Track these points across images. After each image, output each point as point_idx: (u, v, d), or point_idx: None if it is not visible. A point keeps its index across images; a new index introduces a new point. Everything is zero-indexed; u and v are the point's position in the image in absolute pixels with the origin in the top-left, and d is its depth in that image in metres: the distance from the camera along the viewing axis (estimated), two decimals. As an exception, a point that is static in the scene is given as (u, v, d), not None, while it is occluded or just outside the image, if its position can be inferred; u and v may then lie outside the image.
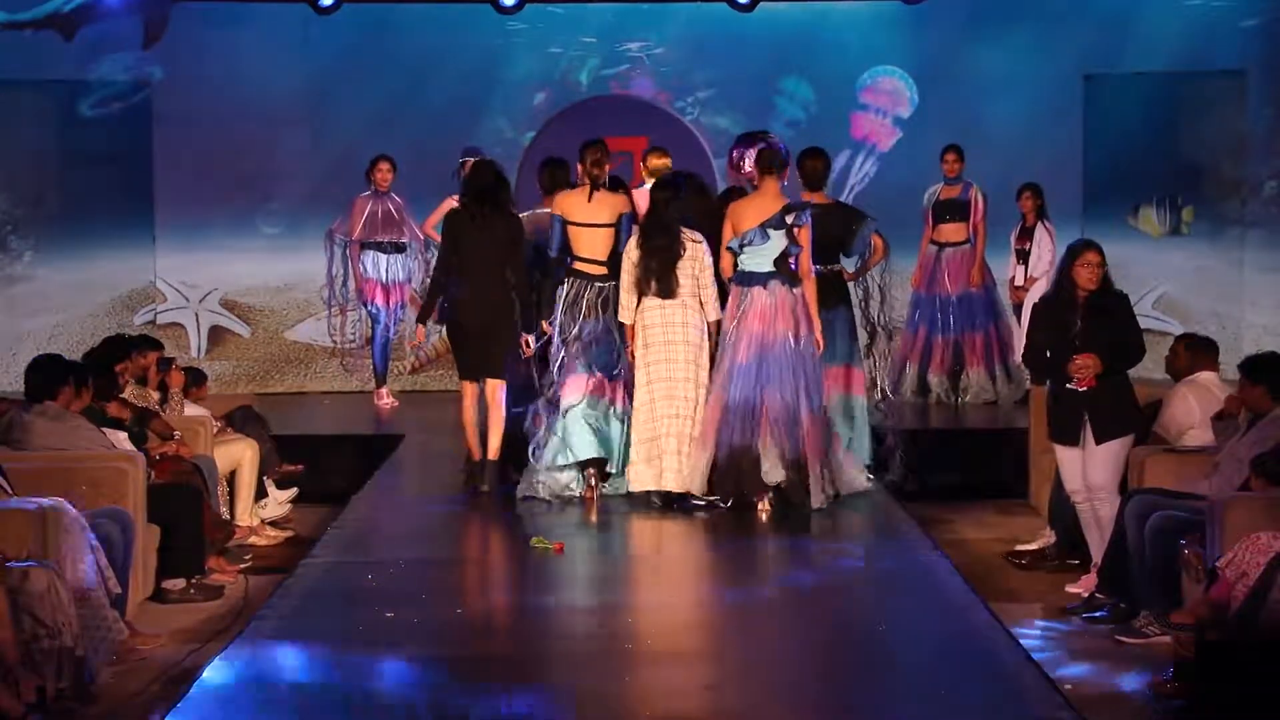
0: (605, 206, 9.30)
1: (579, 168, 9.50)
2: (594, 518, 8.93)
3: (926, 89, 14.25)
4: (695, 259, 8.94)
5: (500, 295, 9.21)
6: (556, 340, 9.24)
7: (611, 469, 9.18)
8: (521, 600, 7.22)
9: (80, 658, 6.20)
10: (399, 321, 12.97)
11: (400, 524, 8.87)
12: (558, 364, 9.21)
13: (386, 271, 12.63)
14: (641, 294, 8.96)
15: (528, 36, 14.30)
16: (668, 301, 8.92)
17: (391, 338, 12.87)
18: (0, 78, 14.00)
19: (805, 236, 8.91)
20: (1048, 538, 8.70)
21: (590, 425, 9.09)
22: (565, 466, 9.11)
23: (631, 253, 8.99)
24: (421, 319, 9.77)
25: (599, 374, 9.17)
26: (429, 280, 9.95)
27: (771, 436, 8.80)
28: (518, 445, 9.37)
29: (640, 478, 9.01)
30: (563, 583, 7.49)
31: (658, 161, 10.08)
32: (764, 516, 8.83)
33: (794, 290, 8.90)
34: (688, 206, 9.07)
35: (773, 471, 8.80)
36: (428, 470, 10.50)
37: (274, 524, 9.75)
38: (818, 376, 8.95)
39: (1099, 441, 7.69)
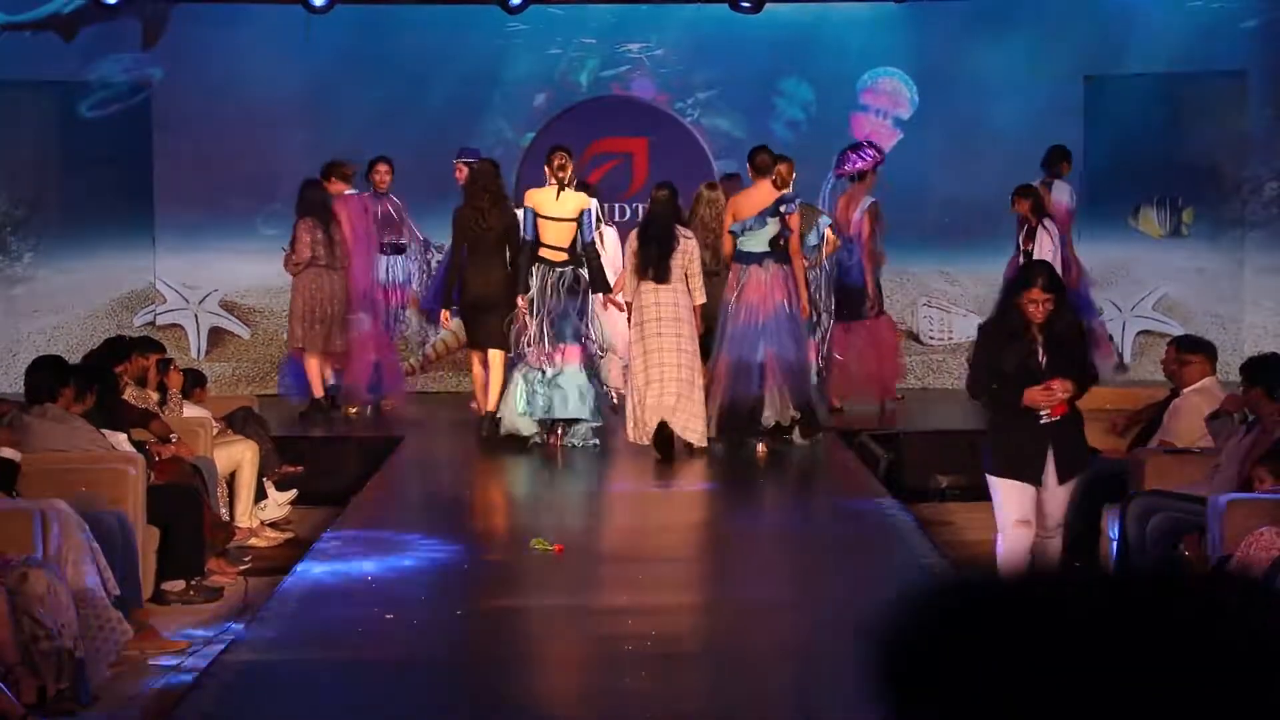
0: (569, 203, 10.70)
1: (546, 169, 10.85)
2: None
3: (926, 90, 14.25)
4: (685, 251, 10.46)
5: (499, 276, 10.82)
6: (527, 314, 10.65)
7: (583, 417, 10.67)
8: (521, 601, 7.22)
9: (80, 659, 6.20)
10: (399, 323, 12.97)
11: (400, 525, 8.86)
12: (528, 334, 10.63)
13: (386, 273, 12.62)
14: (640, 278, 10.43)
15: (528, 37, 14.30)
16: (662, 285, 10.40)
17: (392, 339, 12.87)
18: (0, 78, 14.01)
19: (795, 222, 10.64)
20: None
21: (562, 386, 10.54)
22: (529, 415, 10.58)
23: (633, 243, 10.57)
24: (445, 304, 11.23)
25: (565, 343, 10.60)
26: (444, 269, 11.47)
27: (776, 387, 10.40)
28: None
29: (638, 434, 10.47)
30: (562, 583, 7.49)
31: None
32: (761, 456, 10.38)
33: (784, 266, 10.56)
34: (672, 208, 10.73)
35: (772, 417, 10.42)
36: (427, 471, 10.51)
37: (274, 525, 9.74)
38: (806, 336, 10.73)
39: (1062, 480, 6.87)
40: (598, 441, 10.70)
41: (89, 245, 14.13)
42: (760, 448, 10.45)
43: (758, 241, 10.54)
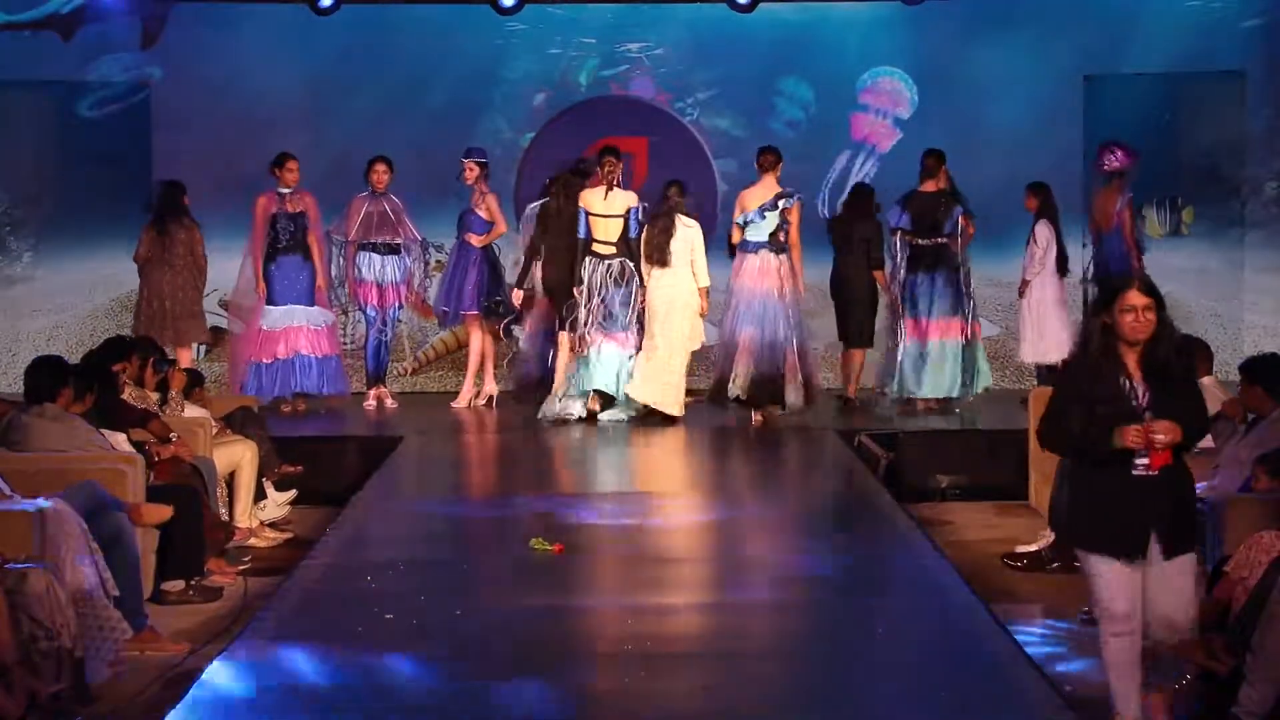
0: (618, 202, 11.76)
1: (598, 170, 11.86)
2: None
3: (926, 89, 14.26)
4: (687, 239, 11.69)
5: (571, 265, 11.86)
6: (580, 302, 11.73)
7: (617, 396, 11.78)
8: (521, 601, 7.21)
9: (79, 659, 6.20)
10: (396, 322, 12.97)
11: (399, 525, 8.86)
12: (578, 320, 11.69)
13: (381, 273, 12.61)
14: (651, 264, 11.69)
15: (527, 37, 14.31)
16: (664, 270, 11.68)
17: (387, 339, 12.86)
18: (0, 78, 14.00)
19: (793, 215, 11.67)
20: (1047, 539, 8.68)
21: (600, 365, 11.67)
22: (576, 396, 11.76)
23: (644, 233, 11.78)
24: (518, 284, 12.20)
25: (613, 330, 11.68)
26: (524, 253, 12.30)
27: (743, 364, 11.51)
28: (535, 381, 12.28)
29: (640, 393, 11.69)
30: (562, 583, 7.49)
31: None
32: (758, 424, 11.55)
33: (779, 255, 11.65)
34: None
35: (734, 390, 11.59)
36: (427, 472, 10.51)
37: (273, 525, 9.75)
38: (799, 318, 11.66)
39: (1171, 554, 5.47)
40: (625, 418, 11.76)
41: (88, 245, 14.13)
42: (756, 418, 11.58)
43: (758, 233, 11.68)
